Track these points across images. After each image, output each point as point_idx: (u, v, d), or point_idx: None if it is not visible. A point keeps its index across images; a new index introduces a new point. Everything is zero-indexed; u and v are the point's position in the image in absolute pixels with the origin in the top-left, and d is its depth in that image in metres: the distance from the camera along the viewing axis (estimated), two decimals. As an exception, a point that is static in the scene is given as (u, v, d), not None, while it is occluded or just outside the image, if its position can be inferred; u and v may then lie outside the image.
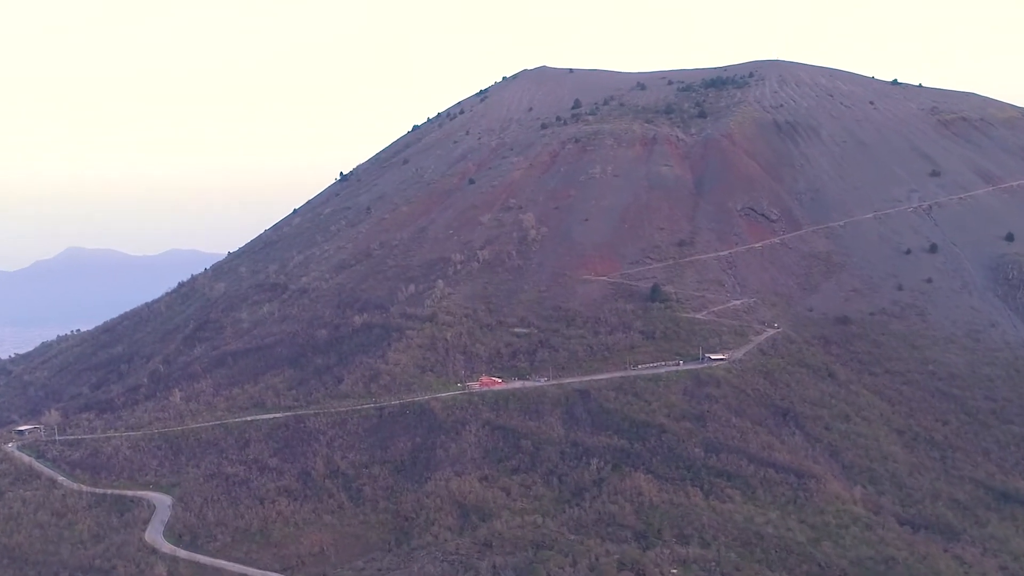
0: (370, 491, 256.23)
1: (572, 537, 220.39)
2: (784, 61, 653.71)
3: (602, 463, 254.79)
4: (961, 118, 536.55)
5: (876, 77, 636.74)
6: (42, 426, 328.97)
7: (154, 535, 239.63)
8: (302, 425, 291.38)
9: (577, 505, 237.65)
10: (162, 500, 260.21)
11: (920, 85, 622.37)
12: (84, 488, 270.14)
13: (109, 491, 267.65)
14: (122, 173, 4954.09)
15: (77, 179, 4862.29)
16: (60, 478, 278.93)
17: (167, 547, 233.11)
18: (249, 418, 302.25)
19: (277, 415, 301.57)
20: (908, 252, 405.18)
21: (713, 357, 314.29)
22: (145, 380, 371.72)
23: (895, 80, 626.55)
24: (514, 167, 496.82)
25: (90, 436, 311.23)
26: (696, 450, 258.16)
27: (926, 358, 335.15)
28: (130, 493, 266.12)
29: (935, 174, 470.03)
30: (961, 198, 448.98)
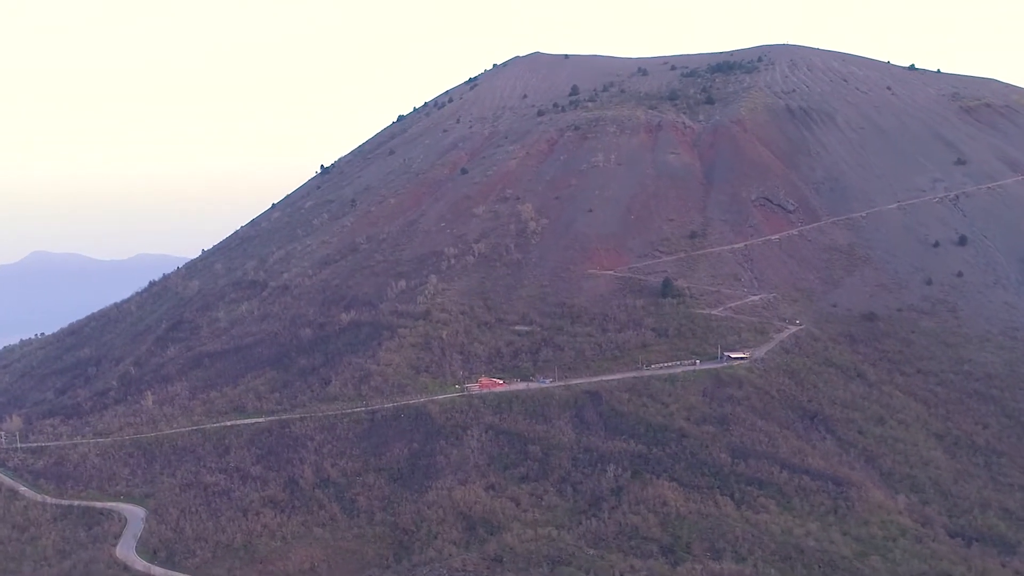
0: (365, 501, 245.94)
1: (591, 552, 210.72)
2: (794, 45, 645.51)
3: (619, 470, 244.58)
4: (985, 104, 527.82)
5: (891, 62, 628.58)
6: (3, 433, 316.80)
7: (126, 551, 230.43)
8: (287, 430, 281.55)
9: (595, 516, 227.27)
10: (134, 512, 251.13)
11: (939, 71, 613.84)
12: (48, 499, 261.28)
13: (76, 502, 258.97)
14: (89, 174, 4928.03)
15: (42, 180, 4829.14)
16: (22, 488, 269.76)
17: (140, 564, 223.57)
18: (229, 423, 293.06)
19: (259, 420, 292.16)
20: (936, 245, 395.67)
21: (733, 356, 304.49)
22: (114, 383, 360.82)
23: (912, 65, 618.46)
24: (510, 156, 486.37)
25: (55, 443, 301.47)
26: (722, 455, 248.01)
27: (960, 357, 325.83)
28: (99, 505, 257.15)
29: (960, 162, 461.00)
30: (990, 188, 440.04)
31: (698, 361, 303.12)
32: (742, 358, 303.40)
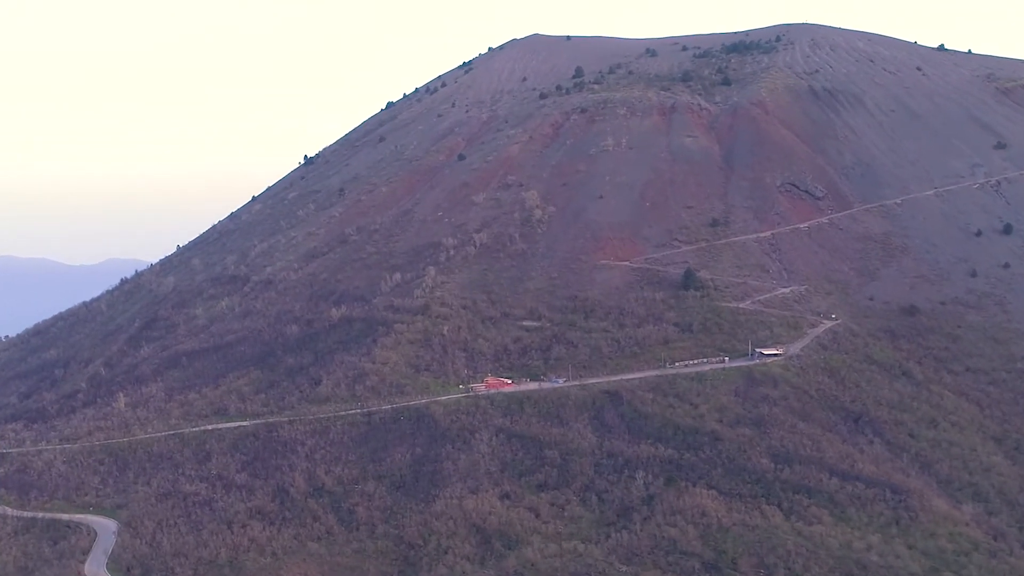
0: (364, 512, 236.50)
1: (624, 568, 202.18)
2: (814, 24, 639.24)
3: (650, 477, 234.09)
4: (1023, 86, 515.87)
5: (919, 42, 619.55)
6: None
7: (96, 568, 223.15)
8: (274, 434, 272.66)
9: (625, 528, 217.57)
10: (105, 525, 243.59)
11: (970, 51, 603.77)
12: (10, 511, 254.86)
13: (40, 514, 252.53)
14: (57, 177, 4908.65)
15: (8, 184, 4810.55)
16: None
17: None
18: (209, 426, 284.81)
19: (243, 423, 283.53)
20: (978, 234, 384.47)
21: (766, 353, 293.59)
22: (83, 385, 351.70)
23: (941, 45, 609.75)
24: (511, 140, 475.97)
25: (17, 449, 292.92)
26: (763, 461, 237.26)
27: (1012, 354, 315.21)
28: (66, 517, 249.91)
29: (1000, 146, 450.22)
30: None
31: (727, 358, 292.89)
32: (776, 355, 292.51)
